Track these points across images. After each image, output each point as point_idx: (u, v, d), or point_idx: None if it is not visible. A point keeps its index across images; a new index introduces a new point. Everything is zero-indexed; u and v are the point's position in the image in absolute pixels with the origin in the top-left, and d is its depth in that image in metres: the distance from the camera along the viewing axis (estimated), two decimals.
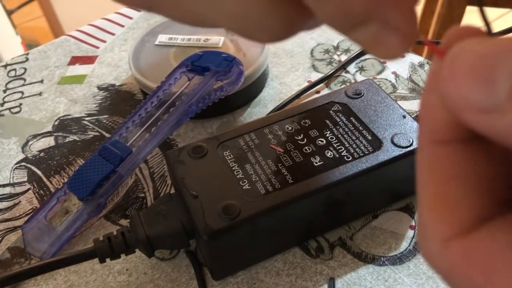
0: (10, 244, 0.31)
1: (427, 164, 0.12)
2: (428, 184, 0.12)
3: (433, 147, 0.12)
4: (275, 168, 0.28)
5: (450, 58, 0.10)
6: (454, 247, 0.11)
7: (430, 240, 0.11)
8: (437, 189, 0.11)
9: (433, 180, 0.11)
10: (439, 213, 0.11)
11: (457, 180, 0.11)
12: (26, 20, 1.62)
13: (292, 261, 0.29)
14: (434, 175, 0.11)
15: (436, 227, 0.11)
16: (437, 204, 0.11)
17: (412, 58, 0.43)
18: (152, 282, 0.29)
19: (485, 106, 0.10)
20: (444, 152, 0.11)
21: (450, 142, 0.11)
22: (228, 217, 0.25)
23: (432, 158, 0.12)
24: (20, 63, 0.46)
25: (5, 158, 0.37)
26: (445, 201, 0.11)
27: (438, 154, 0.11)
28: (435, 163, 0.11)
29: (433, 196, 0.11)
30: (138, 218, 0.27)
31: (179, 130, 0.38)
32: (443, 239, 0.11)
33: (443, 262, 0.11)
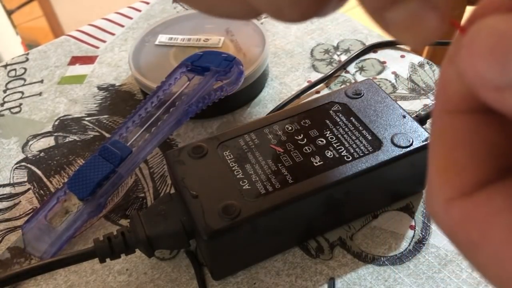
0: (10, 244, 0.31)
1: (438, 131, 0.13)
2: (437, 149, 0.12)
3: (445, 116, 0.12)
4: (275, 168, 0.28)
5: (470, 35, 0.11)
6: (456, 207, 0.12)
7: (435, 200, 0.12)
8: (445, 154, 0.12)
9: (442, 146, 0.12)
10: (444, 176, 0.12)
11: (463, 147, 0.12)
12: (26, 20, 1.62)
13: (292, 261, 0.29)
14: (443, 142, 0.12)
15: (441, 188, 0.12)
16: (443, 168, 0.12)
17: (412, 58, 0.43)
18: (152, 282, 0.29)
19: (499, 84, 0.10)
20: (455, 121, 0.12)
21: (461, 112, 0.12)
22: (228, 217, 0.26)
23: (443, 126, 0.12)
24: (20, 63, 0.46)
25: (5, 158, 0.37)
26: (451, 166, 0.12)
27: (449, 122, 0.12)
28: (445, 130, 0.12)
29: (441, 160, 0.12)
30: (138, 218, 0.28)
31: (179, 130, 0.38)
32: (446, 199, 0.12)
33: (446, 221, 0.12)
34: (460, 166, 0.12)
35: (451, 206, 0.12)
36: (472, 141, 0.12)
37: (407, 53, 0.43)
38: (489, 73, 0.10)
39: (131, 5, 0.52)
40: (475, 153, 0.12)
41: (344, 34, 0.46)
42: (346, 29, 0.46)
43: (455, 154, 0.12)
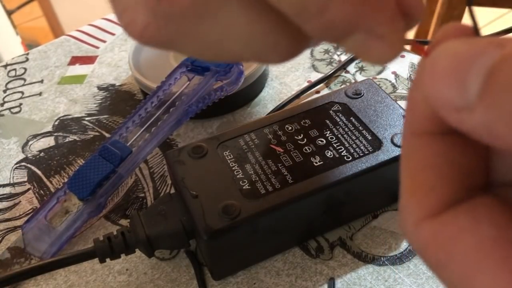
0: (10, 244, 0.31)
1: (407, 153, 0.13)
2: (406, 170, 0.13)
3: (413, 138, 0.13)
4: (275, 168, 0.28)
5: (431, 59, 0.11)
6: (424, 227, 0.12)
7: (406, 220, 0.13)
8: (413, 176, 0.13)
9: (410, 167, 0.13)
10: (413, 197, 0.13)
11: (430, 169, 0.12)
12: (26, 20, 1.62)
13: (292, 261, 0.29)
14: (412, 163, 0.13)
15: (410, 209, 0.12)
16: (411, 189, 0.13)
17: (412, 58, 0.43)
18: (152, 282, 0.29)
19: (458, 105, 0.10)
20: (422, 142, 0.13)
21: (428, 134, 0.12)
22: (228, 217, 0.25)
23: (411, 148, 0.13)
24: (20, 63, 0.46)
25: (5, 158, 0.37)
26: (418, 187, 0.12)
27: (416, 144, 0.13)
28: (413, 152, 0.13)
29: (409, 181, 0.13)
30: (138, 218, 0.27)
31: (179, 130, 0.38)
32: (416, 220, 0.12)
33: (417, 241, 0.12)
34: (427, 188, 0.12)
35: (420, 226, 0.12)
36: (438, 162, 0.12)
37: (407, 53, 0.43)
38: (449, 95, 0.11)
39: None
40: (441, 174, 0.12)
41: None
42: None
43: (422, 176, 0.12)
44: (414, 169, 0.13)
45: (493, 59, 0.10)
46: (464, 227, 0.11)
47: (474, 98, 0.10)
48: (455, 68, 0.10)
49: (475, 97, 0.10)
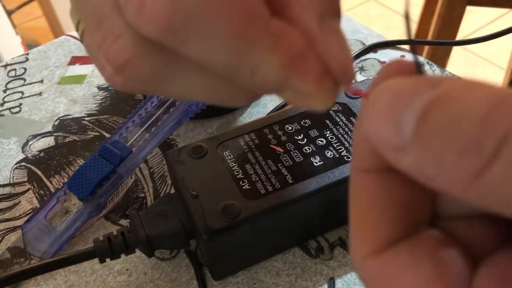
0: (10, 244, 0.31)
1: (352, 189, 0.13)
2: (352, 207, 0.13)
3: (358, 174, 0.13)
4: (275, 168, 0.28)
5: (371, 98, 0.11)
6: (369, 264, 0.12)
7: (354, 255, 0.13)
8: (357, 213, 0.13)
9: (355, 204, 0.13)
10: (358, 233, 0.13)
11: (372, 206, 0.13)
12: (26, 20, 1.62)
13: (292, 261, 0.29)
14: (356, 200, 0.13)
15: (356, 245, 0.13)
16: (357, 226, 0.13)
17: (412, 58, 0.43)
18: (152, 282, 0.29)
19: (394, 144, 0.11)
20: (367, 180, 0.13)
21: (372, 171, 0.13)
22: (228, 217, 0.25)
23: (357, 185, 0.13)
24: (20, 63, 0.46)
25: (5, 158, 0.37)
26: (362, 224, 0.13)
27: (360, 181, 0.13)
28: (357, 189, 0.13)
29: (355, 219, 0.13)
30: (138, 218, 0.27)
31: (179, 130, 0.38)
32: (362, 256, 0.12)
33: (363, 275, 0.13)
34: (370, 225, 0.13)
35: (366, 262, 0.12)
36: (382, 200, 0.12)
37: (407, 53, 0.43)
38: (386, 134, 0.11)
39: None
40: (384, 212, 0.12)
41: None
42: (346, 29, 0.46)
43: (366, 213, 0.13)
44: (359, 206, 0.13)
45: (426, 100, 0.10)
46: (404, 265, 0.12)
47: (408, 139, 0.10)
48: (392, 107, 0.11)
49: (409, 138, 0.10)
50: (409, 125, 0.10)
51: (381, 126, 0.11)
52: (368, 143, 0.12)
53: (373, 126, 0.11)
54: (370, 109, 0.11)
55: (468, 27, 1.45)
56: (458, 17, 0.82)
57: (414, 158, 0.10)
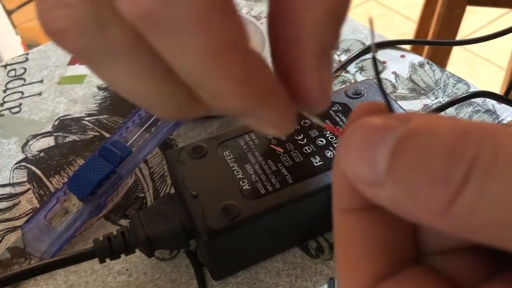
0: (10, 244, 0.31)
1: (336, 230, 0.13)
2: (337, 248, 0.13)
3: (340, 214, 0.13)
4: (275, 168, 0.28)
5: (345, 136, 0.12)
6: None
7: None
8: (341, 253, 0.13)
9: (339, 244, 0.13)
10: (343, 272, 0.13)
11: (355, 246, 0.13)
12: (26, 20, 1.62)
13: (292, 261, 0.29)
14: (340, 240, 0.13)
15: (342, 284, 0.13)
16: (341, 265, 0.13)
17: (412, 58, 0.43)
18: (152, 282, 0.29)
19: (370, 180, 0.11)
20: (347, 219, 0.13)
21: (353, 210, 0.13)
22: (228, 217, 0.25)
23: (340, 225, 0.13)
24: (20, 63, 0.46)
25: (5, 158, 0.37)
26: (346, 264, 0.13)
27: (342, 221, 0.13)
28: (340, 229, 0.13)
29: (340, 258, 0.13)
30: (138, 218, 0.27)
31: (179, 130, 0.38)
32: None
33: None
34: (355, 264, 0.13)
35: None
36: (363, 239, 0.13)
37: (407, 53, 0.43)
38: (362, 171, 0.11)
39: None
40: (367, 251, 0.12)
41: (344, 34, 0.46)
42: (346, 29, 0.46)
43: (348, 253, 0.13)
44: (343, 245, 0.13)
45: (397, 135, 0.11)
46: None
47: (382, 175, 0.11)
48: (366, 145, 0.11)
49: (383, 174, 0.11)
50: (382, 161, 0.11)
51: (357, 163, 0.11)
52: (346, 182, 0.13)
53: (349, 163, 0.12)
54: (345, 147, 0.12)
55: (468, 27, 1.46)
56: (458, 17, 0.82)
57: (390, 192, 0.11)
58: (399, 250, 0.13)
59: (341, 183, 0.13)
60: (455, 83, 0.40)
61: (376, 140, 0.11)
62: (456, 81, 0.40)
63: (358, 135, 0.11)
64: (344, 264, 0.13)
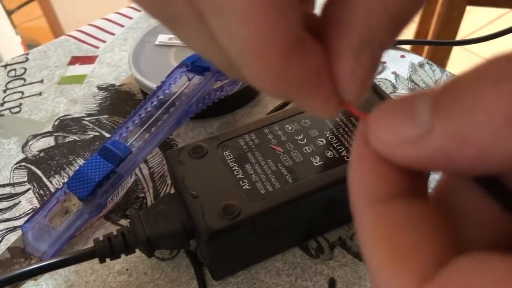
0: (10, 244, 0.31)
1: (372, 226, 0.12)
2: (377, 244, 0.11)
3: (373, 208, 0.12)
4: (275, 168, 0.28)
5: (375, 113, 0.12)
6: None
7: None
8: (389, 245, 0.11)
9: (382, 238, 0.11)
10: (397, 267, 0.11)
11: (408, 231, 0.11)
12: (26, 20, 1.62)
13: (292, 261, 0.29)
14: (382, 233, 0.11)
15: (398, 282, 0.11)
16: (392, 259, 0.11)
17: (412, 58, 0.43)
18: (152, 282, 0.29)
19: (414, 134, 0.11)
20: (387, 209, 0.12)
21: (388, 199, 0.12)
22: (228, 217, 0.25)
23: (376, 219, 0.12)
24: (20, 63, 0.46)
25: (5, 158, 0.37)
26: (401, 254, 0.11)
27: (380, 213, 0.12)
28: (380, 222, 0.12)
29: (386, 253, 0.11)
30: (138, 218, 0.27)
31: (179, 130, 0.38)
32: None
33: None
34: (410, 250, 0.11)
35: None
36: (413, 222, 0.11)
37: (407, 53, 0.43)
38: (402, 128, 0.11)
39: (131, 5, 0.52)
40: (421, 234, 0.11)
41: None
42: None
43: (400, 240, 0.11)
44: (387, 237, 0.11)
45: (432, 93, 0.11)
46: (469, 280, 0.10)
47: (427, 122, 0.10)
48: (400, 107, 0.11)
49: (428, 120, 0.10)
50: (425, 108, 0.10)
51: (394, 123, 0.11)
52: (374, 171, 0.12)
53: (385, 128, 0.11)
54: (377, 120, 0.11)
55: (468, 27, 1.45)
56: (458, 17, 0.82)
57: (443, 130, 0.10)
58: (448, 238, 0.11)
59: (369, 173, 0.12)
60: None
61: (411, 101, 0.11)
62: None
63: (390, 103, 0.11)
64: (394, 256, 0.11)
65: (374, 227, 0.12)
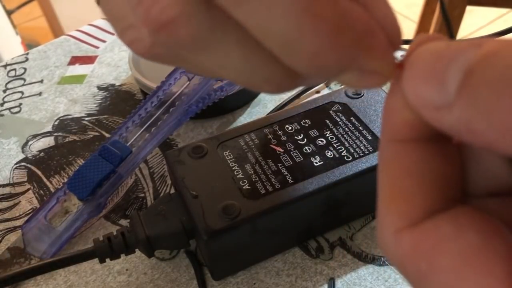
0: (10, 244, 0.31)
1: (385, 160, 0.13)
2: (385, 179, 0.12)
3: (392, 145, 0.12)
4: (275, 168, 0.28)
5: (411, 60, 0.11)
6: (405, 237, 0.12)
7: (385, 231, 0.12)
8: (392, 183, 0.12)
9: (389, 175, 0.12)
10: (392, 206, 0.12)
11: (410, 176, 0.12)
12: (26, 20, 1.62)
13: (292, 261, 0.29)
14: (390, 171, 0.12)
15: (390, 219, 0.12)
16: (391, 197, 0.12)
17: None
18: (152, 282, 0.29)
19: (438, 103, 0.10)
20: (402, 150, 0.12)
21: (408, 141, 0.12)
22: (228, 217, 0.25)
23: (390, 155, 0.12)
24: (20, 63, 0.46)
25: (5, 158, 0.37)
26: (398, 195, 0.12)
27: (396, 151, 0.12)
28: (392, 159, 0.12)
29: (389, 190, 0.12)
30: (138, 218, 0.27)
31: (179, 130, 0.38)
32: (395, 230, 0.12)
33: (396, 252, 0.12)
34: (406, 196, 0.12)
35: (399, 236, 0.12)
36: (419, 169, 0.12)
37: None
38: (428, 93, 0.11)
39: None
40: (422, 182, 0.12)
41: None
42: None
43: (402, 183, 0.12)
44: (392, 176, 0.12)
45: (471, 58, 0.10)
46: (447, 235, 0.11)
47: (452, 96, 0.10)
48: (434, 67, 0.11)
49: (453, 95, 0.10)
50: (453, 82, 0.10)
51: (423, 86, 0.11)
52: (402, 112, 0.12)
53: (414, 87, 0.11)
54: (410, 70, 0.11)
55: (468, 27, 1.45)
56: (458, 17, 0.82)
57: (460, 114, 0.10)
58: (450, 187, 0.12)
59: (396, 112, 0.12)
60: None
61: (447, 61, 0.10)
62: None
63: (425, 57, 0.11)
64: (392, 196, 0.12)
65: (386, 163, 0.12)
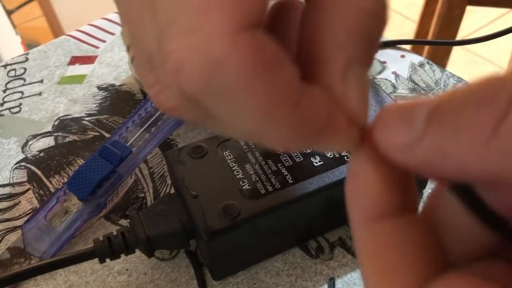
0: (10, 244, 0.31)
1: (365, 244, 0.13)
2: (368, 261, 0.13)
3: (366, 227, 0.13)
4: (275, 168, 0.28)
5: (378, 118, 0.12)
6: None
7: None
8: (376, 264, 0.12)
9: (372, 255, 0.13)
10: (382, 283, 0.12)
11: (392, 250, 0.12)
12: (26, 20, 1.62)
13: (292, 261, 0.29)
14: (372, 251, 0.13)
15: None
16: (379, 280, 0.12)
17: (412, 58, 0.43)
18: (152, 282, 0.29)
19: (409, 140, 0.12)
20: (378, 227, 0.13)
21: (379, 218, 0.13)
22: (228, 217, 0.25)
23: (368, 238, 0.13)
24: (20, 63, 0.46)
25: (5, 158, 0.37)
26: (386, 276, 0.12)
27: (371, 233, 0.13)
28: (370, 242, 0.13)
29: (374, 270, 0.12)
30: (138, 218, 0.27)
31: (179, 130, 0.38)
32: None
33: None
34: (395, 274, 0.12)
35: None
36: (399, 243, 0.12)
37: (407, 53, 0.43)
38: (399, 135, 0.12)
39: None
40: (405, 257, 0.12)
41: None
42: None
43: (387, 262, 0.12)
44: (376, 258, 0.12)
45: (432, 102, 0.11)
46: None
47: (421, 130, 0.11)
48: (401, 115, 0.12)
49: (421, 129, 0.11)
50: (420, 119, 0.11)
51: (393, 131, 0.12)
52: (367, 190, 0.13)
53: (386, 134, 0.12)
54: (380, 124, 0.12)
55: (468, 27, 1.45)
56: (458, 17, 0.82)
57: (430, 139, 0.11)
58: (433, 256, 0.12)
59: (366, 191, 0.13)
60: (455, 83, 0.40)
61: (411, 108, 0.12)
62: (456, 81, 0.40)
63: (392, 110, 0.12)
64: (381, 277, 0.12)
65: (367, 244, 0.13)
